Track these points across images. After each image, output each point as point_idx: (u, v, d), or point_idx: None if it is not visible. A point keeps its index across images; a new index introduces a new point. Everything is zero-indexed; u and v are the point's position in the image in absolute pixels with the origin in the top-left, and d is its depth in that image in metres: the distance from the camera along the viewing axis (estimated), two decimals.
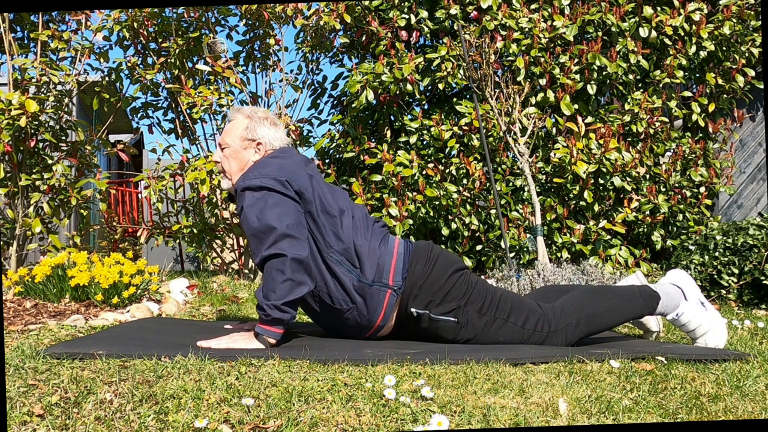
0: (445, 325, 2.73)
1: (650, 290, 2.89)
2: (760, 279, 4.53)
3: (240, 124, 2.86)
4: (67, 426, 1.70)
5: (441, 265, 2.76)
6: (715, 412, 1.92)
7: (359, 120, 6.14)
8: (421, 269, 2.74)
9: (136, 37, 5.60)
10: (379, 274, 2.70)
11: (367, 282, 2.69)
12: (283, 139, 2.89)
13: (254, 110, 2.90)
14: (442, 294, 2.72)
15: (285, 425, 1.72)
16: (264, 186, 2.62)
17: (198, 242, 5.53)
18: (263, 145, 2.83)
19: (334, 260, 2.68)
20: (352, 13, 5.83)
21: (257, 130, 2.84)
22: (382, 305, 2.70)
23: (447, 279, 2.74)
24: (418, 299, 2.72)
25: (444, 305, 2.71)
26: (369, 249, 2.72)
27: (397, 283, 2.70)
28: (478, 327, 2.72)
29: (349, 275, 2.69)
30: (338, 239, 2.69)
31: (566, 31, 5.72)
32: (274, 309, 2.52)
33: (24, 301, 3.59)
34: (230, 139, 2.86)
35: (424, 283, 2.72)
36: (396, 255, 2.74)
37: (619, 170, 5.55)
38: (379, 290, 2.69)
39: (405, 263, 2.73)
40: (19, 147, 4.81)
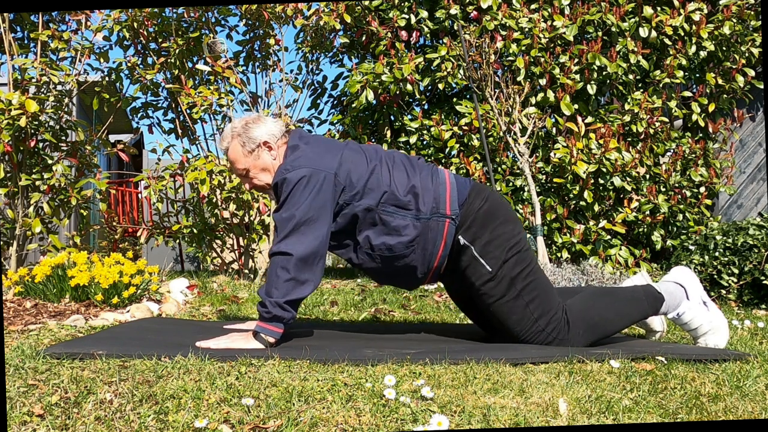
0: (480, 270, 2.72)
1: (654, 292, 2.89)
2: (760, 279, 4.53)
3: (236, 147, 2.84)
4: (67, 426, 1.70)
5: (498, 208, 2.79)
6: (715, 412, 1.92)
7: (359, 120, 6.14)
8: (478, 204, 2.76)
9: (136, 37, 5.60)
10: (435, 206, 2.71)
11: (425, 216, 2.70)
12: (278, 124, 2.88)
13: (232, 126, 2.88)
14: (490, 235, 2.73)
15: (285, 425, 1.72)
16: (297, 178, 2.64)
17: (198, 242, 5.53)
18: (270, 141, 2.82)
19: (387, 212, 2.69)
20: (352, 13, 5.83)
21: (251, 135, 2.82)
22: (442, 235, 2.72)
23: (499, 223, 2.76)
24: (468, 232, 2.73)
25: (487, 247, 2.72)
26: (420, 185, 2.73)
27: (454, 211, 2.72)
28: (501, 292, 2.72)
29: (404, 219, 2.70)
30: (383, 192, 2.70)
31: (566, 31, 5.72)
32: (276, 306, 2.53)
33: (24, 301, 3.59)
34: (240, 163, 2.85)
35: (476, 218, 2.74)
36: (449, 185, 2.77)
37: (619, 170, 5.55)
38: (437, 221, 2.71)
39: (459, 193, 2.76)
40: (19, 147, 4.81)
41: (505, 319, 2.74)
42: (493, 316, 2.78)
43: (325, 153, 2.73)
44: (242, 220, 5.39)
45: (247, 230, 5.48)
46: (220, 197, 5.28)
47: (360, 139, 5.93)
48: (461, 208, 2.74)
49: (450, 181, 2.79)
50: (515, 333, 2.75)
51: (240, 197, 5.13)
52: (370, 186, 2.69)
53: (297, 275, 2.55)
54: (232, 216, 5.40)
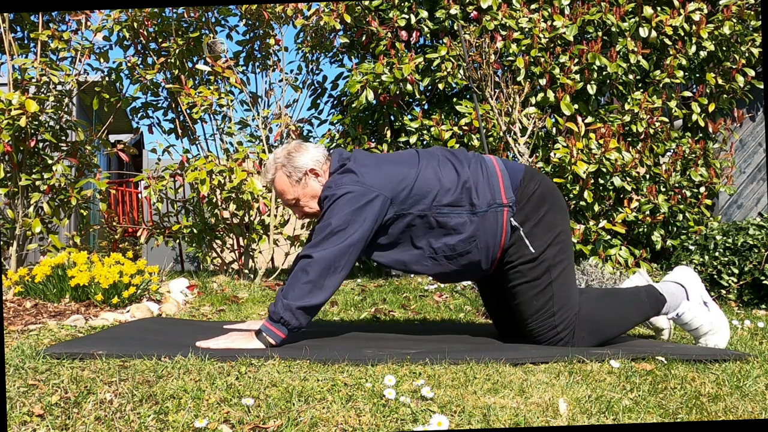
0: (523, 250, 2.73)
1: (657, 293, 2.89)
2: (760, 279, 4.53)
3: (282, 178, 2.85)
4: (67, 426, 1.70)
5: (550, 194, 2.81)
6: (715, 412, 1.92)
7: (359, 120, 6.14)
8: (532, 188, 2.77)
9: (136, 37, 5.60)
10: (491, 198, 2.71)
11: (482, 209, 2.70)
12: (320, 149, 2.89)
13: (275, 158, 2.89)
14: (540, 218, 2.75)
15: (285, 425, 1.72)
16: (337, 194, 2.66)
17: (198, 242, 5.53)
18: (315, 169, 2.83)
19: (442, 213, 2.69)
20: (352, 13, 5.83)
21: (296, 165, 2.83)
22: (502, 224, 2.72)
23: (550, 209, 2.78)
24: (520, 213, 2.74)
25: (535, 230, 2.74)
26: (471, 179, 2.73)
27: (510, 198, 2.73)
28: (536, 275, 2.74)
29: (460, 216, 2.70)
30: (434, 194, 2.69)
31: (566, 31, 5.72)
32: (287, 310, 2.53)
33: (24, 301, 3.59)
34: (289, 194, 2.86)
35: (529, 201, 2.75)
36: (500, 173, 2.77)
37: (619, 170, 5.55)
38: (495, 212, 2.71)
39: (511, 178, 2.76)
40: (19, 147, 4.81)
41: (525, 303, 2.75)
42: (515, 297, 2.78)
43: (369, 169, 2.73)
44: (242, 220, 5.39)
45: (247, 230, 5.48)
46: (220, 197, 5.28)
47: (360, 140, 5.93)
48: (515, 192, 2.74)
49: (500, 168, 2.79)
50: (528, 321, 2.75)
51: (240, 197, 5.13)
52: (419, 192, 2.69)
53: (316, 279, 2.55)
54: (232, 216, 5.40)
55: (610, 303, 2.84)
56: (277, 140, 5.58)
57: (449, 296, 4.50)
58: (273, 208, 5.36)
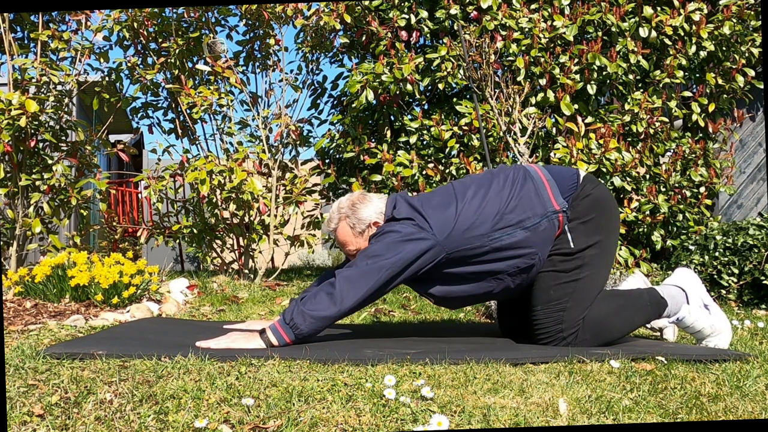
0: (563, 243, 2.75)
1: (658, 297, 2.89)
2: (760, 279, 4.53)
3: (345, 229, 2.87)
4: (67, 426, 1.70)
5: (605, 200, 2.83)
6: (715, 412, 1.92)
7: (359, 120, 6.14)
8: (588, 189, 2.79)
9: (136, 37, 5.60)
10: (543, 209, 2.72)
11: (534, 222, 2.71)
12: (382, 200, 2.90)
13: (339, 208, 2.91)
14: (589, 219, 2.76)
15: (285, 425, 1.72)
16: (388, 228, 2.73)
17: (198, 242, 5.52)
18: (378, 222, 2.84)
19: (497, 239, 2.69)
20: (352, 13, 5.83)
21: (360, 218, 2.84)
22: (557, 230, 2.74)
23: (601, 214, 2.80)
24: (572, 211, 2.76)
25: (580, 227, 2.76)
26: (516, 197, 2.74)
27: (562, 204, 2.74)
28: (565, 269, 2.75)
29: (514, 235, 2.70)
30: (483, 228, 2.70)
31: (566, 31, 5.72)
32: (300, 314, 2.56)
33: (24, 301, 3.59)
34: (352, 245, 2.87)
35: (583, 201, 2.77)
36: (546, 182, 2.78)
37: (619, 170, 5.55)
38: (549, 221, 2.72)
39: (559, 184, 2.78)
40: (19, 147, 4.81)
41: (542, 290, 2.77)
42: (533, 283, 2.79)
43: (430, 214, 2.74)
44: (242, 220, 5.39)
45: (247, 230, 5.48)
46: (220, 197, 5.28)
47: (360, 140, 5.93)
48: (571, 194, 2.77)
49: (546, 177, 2.81)
50: (537, 309, 2.77)
51: (240, 197, 5.13)
52: (475, 229, 2.70)
53: (336, 293, 2.57)
54: (232, 216, 5.40)
55: (615, 307, 2.83)
56: (277, 140, 5.58)
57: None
58: (273, 208, 5.36)
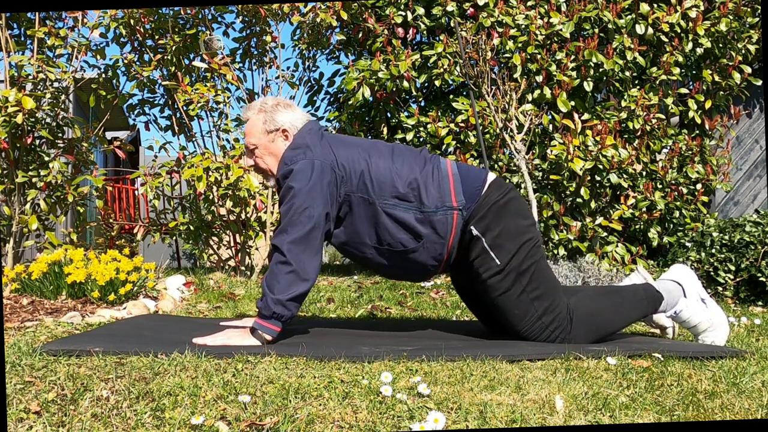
0: (488, 262, 2.71)
1: (654, 291, 2.89)
2: (757, 276, 4.53)
3: (257, 121, 2.84)
4: (63, 423, 1.70)
5: (514, 203, 2.79)
6: (712, 409, 1.93)
7: (356, 117, 6.14)
8: (495, 197, 2.75)
9: (132, 34, 5.59)
10: (441, 200, 2.70)
11: (430, 210, 2.69)
12: (303, 116, 2.88)
13: (263, 102, 2.89)
14: (502, 229, 2.72)
15: (281, 422, 1.72)
16: (300, 169, 2.63)
17: (194, 239, 5.52)
18: (289, 131, 2.82)
19: (390, 205, 2.68)
20: (349, 10, 5.83)
21: (276, 118, 2.82)
22: (451, 228, 2.71)
23: (513, 219, 2.75)
24: (481, 222, 2.72)
25: (498, 240, 2.71)
26: (421, 179, 2.72)
27: (460, 203, 2.71)
28: (508, 286, 2.71)
29: (410, 212, 2.68)
30: (384, 185, 2.68)
31: (563, 28, 5.72)
32: (277, 304, 2.52)
33: (21, 298, 3.59)
34: (255, 138, 2.84)
35: (490, 210, 2.73)
36: (451, 177, 2.75)
37: (616, 167, 5.55)
38: (444, 214, 2.70)
39: (464, 183, 2.74)
40: (16, 144, 4.80)
41: (508, 314, 2.73)
42: (497, 310, 2.77)
43: (329, 147, 2.73)
44: (239, 216, 5.39)
45: (243, 227, 5.48)
46: (216, 194, 5.28)
47: (357, 136, 5.93)
48: (476, 198, 2.73)
49: (453, 172, 2.77)
50: (518, 329, 2.74)
51: (236, 194, 5.13)
52: (370, 177, 2.68)
53: (297, 268, 2.54)
54: (228, 213, 5.39)
55: (609, 301, 2.84)
56: None
57: (446, 293, 4.50)
58: (269, 205, 5.36)
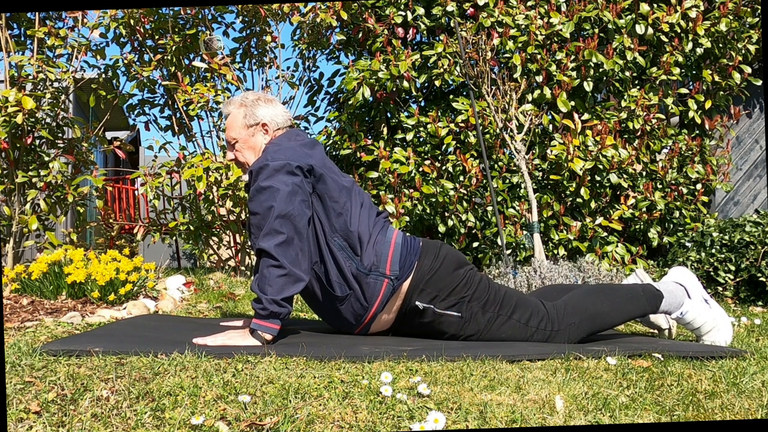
0: (448, 320, 2.72)
1: (653, 289, 2.89)
2: (757, 276, 4.53)
3: (238, 115, 2.85)
4: (63, 423, 1.70)
5: (448, 261, 2.76)
6: (712, 409, 1.93)
7: (356, 117, 6.13)
8: (429, 264, 2.73)
9: (132, 34, 5.59)
10: (376, 264, 2.69)
11: (364, 270, 2.68)
12: (284, 113, 2.88)
13: (245, 96, 2.89)
14: (448, 289, 2.72)
15: (281, 422, 1.72)
16: (277, 168, 2.61)
17: (194, 239, 5.52)
18: (269, 125, 2.82)
19: (337, 245, 2.67)
20: (349, 10, 5.83)
21: (256, 112, 2.82)
22: (378, 294, 2.70)
23: (452, 274, 2.74)
24: (424, 293, 2.71)
25: (449, 299, 2.71)
26: (370, 237, 2.71)
27: (394, 272, 2.69)
28: (482, 323, 2.72)
29: (348, 261, 2.68)
30: (344, 224, 2.68)
31: (563, 28, 5.72)
32: (272, 303, 2.52)
33: (21, 298, 3.59)
34: (235, 132, 2.85)
35: (431, 278, 2.72)
36: (393, 245, 2.74)
37: (616, 167, 5.55)
38: (375, 279, 2.68)
39: (402, 254, 2.73)
40: (16, 144, 4.80)
41: (498, 337, 2.75)
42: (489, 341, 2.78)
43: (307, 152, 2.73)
44: (239, 216, 5.39)
45: (243, 227, 5.48)
46: (216, 194, 5.28)
47: (357, 137, 5.93)
48: (410, 272, 2.71)
49: (396, 241, 2.76)
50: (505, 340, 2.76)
51: (236, 194, 5.13)
52: (333, 207, 2.68)
53: (289, 270, 2.53)
54: (228, 213, 5.39)
55: (603, 295, 2.84)
56: None
57: None
58: None
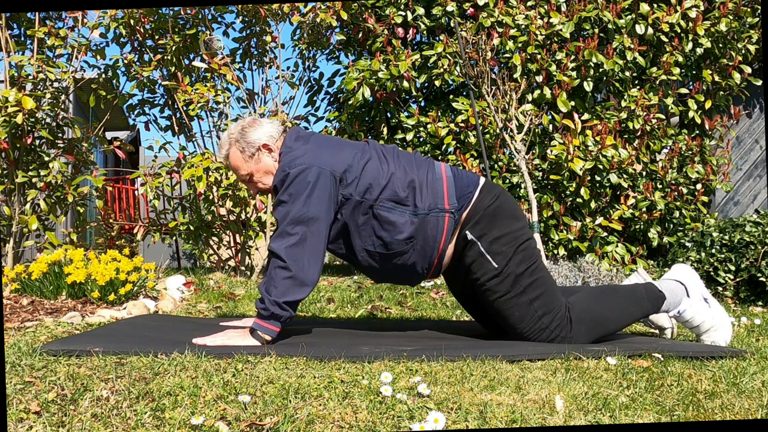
0: (486, 266, 2.71)
1: (655, 290, 2.88)
2: (757, 276, 4.53)
3: (236, 153, 2.82)
4: (63, 423, 1.70)
5: (507, 207, 2.78)
6: (712, 409, 1.92)
7: (356, 117, 6.13)
8: (488, 201, 2.75)
9: (132, 34, 5.59)
10: (433, 202, 2.69)
11: (423, 212, 2.68)
12: (274, 125, 2.86)
13: (229, 134, 2.86)
14: (498, 233, 2.72)
15: (281, 422, 1.72)
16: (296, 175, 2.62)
17: (194, 239, 5.52)
18: (269, 143, 2.80)
19: (385, 208, 2.67)
20: (349, 10, 5.83)
21: (250, 140, 2.79)
22: (442, 231, 2.70)
23: (507, 220, 2.75)
24: (477, 227, 2.72)
25: (495, 244, 2.71)
26: (418, 181, 2.71)
27: (453, 205, 2.70)
28: (507, 289, 2.71)
29: (402, 215, 2.67)
30: (379, 187, 2.68)
31: (563, 28, 5.72)
32: (274, 305, 2.52)
33: (21, 298, 3.59)
34: (243, 169, 2.83)
35: (485, 214, 2.73)
36: (445, 179, 2.75)
37: (616, 167, 5.55)
38: (436, 216, 2.69)
39: (457, 186, 2.74)
40: (16, 144, 4.80)
41: (508, 316, 2.73)
42: (496, 313, 2.77)
43: (323, 150, 2.72)
44: (239, 216, 5.39)
45: (243, 227, 5.48)
46: (216, 194, 5.28)
47: (357, 137, 5.93)
48: (468, 203, 2.73)
49: (447, 175, 2.77)
50: (518, 330, 2.74)
51: (236, 194, 5.13)
52: (368, 181, 2.67)
53: (296, 273, 2.54)
54: (228, 213, 5.39)
55: (610, 299, 2.84)
56: None
57: (446, 293, 4.50)
58: (269, 205, 5.36)
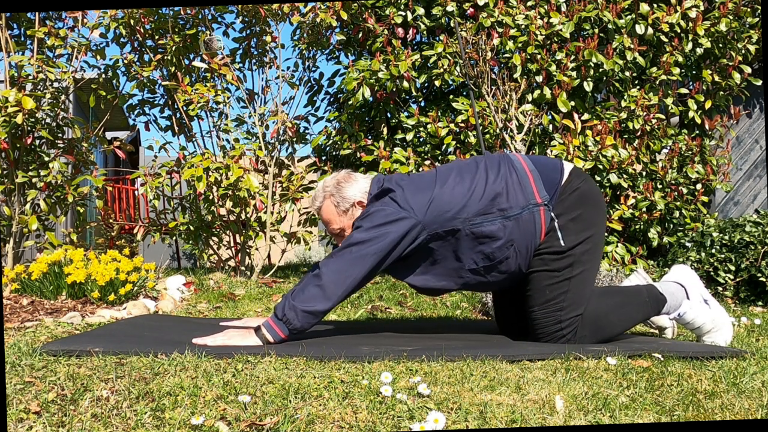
0: (553, 242, 2.72)
1: (657, 293, 2.89)
2: (757, 276, 4.53)
3: (329, 207, 2.86)
4: (63, 423, 1.70)
5: (591, 194, 2.80)
6: (712, 409, 1.93)
7: (356, 117, 6.13)
8: (576, 184, 2.77)
9: (132, 34, 5.59)
10: (525, 199, 2.70)
11: (516, 212, 2.69)
12: (367, 180, 2.90)
13: (324, 186, 2.90)
14: (573, 214, 2.74)
15: (281, 422, 1.72)
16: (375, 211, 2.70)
17: (194, 239, 5.52)
18: (362, 201, 2.84)
19: (475, 224, 2.68)
20: (349, 10, 5.83)
21: (344, 196, 2.84)
22: (540, 224, 2.71)
23: (585, 205, 2.77)
24: (560, 205, 2.74)
25: (570, 224, 2.73)
26: (500, 185, 2.72)
27: (544, 198, 2.71)
28: (558, 267, 2.73)
29: (494, 223, 2.68)
30: (465, 210, 2.68)
31: (563, 28, 5.72)
32: (291, 309, 2.55)
33: (21, 298, 3.59)
34: (335, 224, 2.87)
35: (570, 196, 2.75)
36: (529, 172, 2.76)
37: (616, 167, 5.55)
38: (531, 212, 2.70)
39: (542, 175, 2.76)
40: (16, 144, 4.80)
41: (537, 291, 2.74)
42: (528, 284, 2.78)
43: (404, 191, 2.75)
44: (239, 217, 5.39)
45: (243, 227, 5.48)
46: (216, 194, 5.28)
47: (356, 137, 5.93)
48: (556, 188, 2.74)
49: (529, 167, 2.78)
50: (534, 310, 2.75)
51: (236, 194, 5.13)
52: (449, 209, 2.69)
53: (325, 286, 2.57)
54: (228, 213, 5.39)
55: (614, 303, 2.83)
56: (274, 137, 5.58)
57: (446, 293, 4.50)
58: (269, 205, 5.36)
